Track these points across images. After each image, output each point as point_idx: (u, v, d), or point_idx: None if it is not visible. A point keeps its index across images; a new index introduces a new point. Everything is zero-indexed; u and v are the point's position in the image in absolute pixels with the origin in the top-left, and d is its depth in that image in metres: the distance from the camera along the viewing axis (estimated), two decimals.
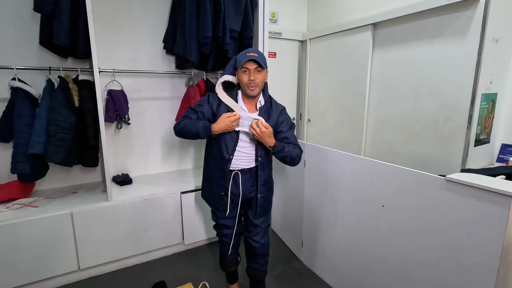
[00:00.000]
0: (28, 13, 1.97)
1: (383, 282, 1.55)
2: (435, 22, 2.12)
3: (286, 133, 1.51)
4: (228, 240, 1.67)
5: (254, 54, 1.43)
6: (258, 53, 1.45)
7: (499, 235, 1.06)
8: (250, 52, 1.44)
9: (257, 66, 1.43)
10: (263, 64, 1.43)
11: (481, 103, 1.97)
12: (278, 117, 1.52)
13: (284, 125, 1.52)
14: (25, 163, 1.81)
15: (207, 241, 2.45)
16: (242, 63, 1.42)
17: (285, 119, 1.53)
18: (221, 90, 1.50)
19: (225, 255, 1.72)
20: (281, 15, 3.26)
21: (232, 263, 1.77)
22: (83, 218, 1.91)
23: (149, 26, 2.39)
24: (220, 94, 1.49)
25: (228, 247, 1.69)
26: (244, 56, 1.42)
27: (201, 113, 1.48)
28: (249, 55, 1.42)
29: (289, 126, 1.53)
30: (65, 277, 1.94)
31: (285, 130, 1.52)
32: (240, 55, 1.47)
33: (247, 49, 1.48)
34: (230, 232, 1.65)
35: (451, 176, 1.21)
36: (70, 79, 2.02)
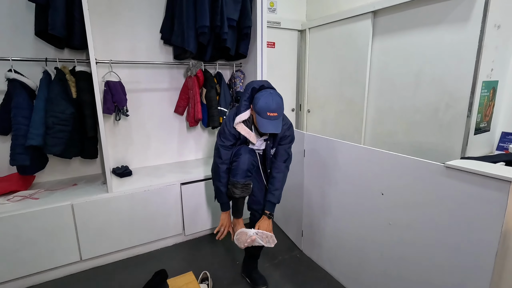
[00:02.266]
0: (22, 3, 1.94)
1: (382, 269, 1.57)
2: (436, 9, 2.09)
3: (283, 148, 1.70)
4: (245, 157, 1.58)
5: (274, 115, 1.47)
6: (278, 112, 1.48)
7: (498, 220, 1.07)
8: (271, 112, 1.46)
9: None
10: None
11: (482, 90, 1.96)
12: (284, 132, 1.66)
13: (285, 140, 1.70)
14: (24, 155, 1.81)
15: (207, 231, 2.47)
16: (261, 123, 1.48)
17: (287, 135, 1.68)
18: (241, 126, 1.58)
19: (238, 173, 1.57)
20: (280, 4, 3.22)
21: (244, 186, 1.60)
22: (83, 209, 1.91)
23: (146, 16, 2.35)
24: (240, 128, 1.58)
25: (244, 162, 1.57)
26: (265, 115, 1.46)
27: (230, 147, 1.63)
28: (268, 123, 1.47)
29: (288, 141, 1.70)
30: (67, 268, 1.96)
31: (283, 144, 1.70)
32: (261, 107, 1.46)
33: (267, 102, 1.46)
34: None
35: (450, 162, 1.21)
36: (67, 70, 2.00)
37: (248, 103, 1.58)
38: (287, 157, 1.71)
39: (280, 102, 1.50)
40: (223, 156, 1.62)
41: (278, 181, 1.69)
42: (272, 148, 1.69)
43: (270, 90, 1.53)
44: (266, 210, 1.70)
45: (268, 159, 1.70)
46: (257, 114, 1.48)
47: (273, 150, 1.70)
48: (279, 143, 1.69)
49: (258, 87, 1.56)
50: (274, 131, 1.48)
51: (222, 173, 1.64)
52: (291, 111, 3.65)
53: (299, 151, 2.07)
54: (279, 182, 1.69)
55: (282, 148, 1.69)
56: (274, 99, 1.47)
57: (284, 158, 1.70)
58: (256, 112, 1.49)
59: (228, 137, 1.61)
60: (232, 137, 1.61)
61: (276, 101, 1.47)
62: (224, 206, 1.72)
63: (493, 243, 1.09)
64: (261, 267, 1.99)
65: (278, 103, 1.48)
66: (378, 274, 1.60)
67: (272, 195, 1.69)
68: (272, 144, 1.68)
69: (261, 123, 1.48)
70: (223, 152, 1.62)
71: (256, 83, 1.59)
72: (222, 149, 1.62)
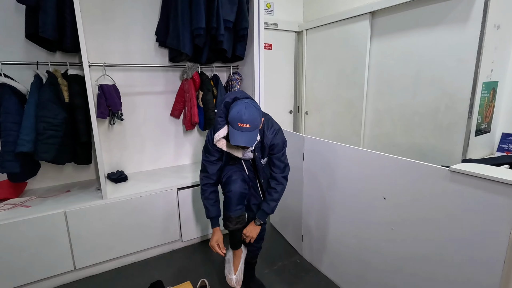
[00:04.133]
0: (11, 5, 1.88)
1: (384, 275, 1.53)
2: (435, 9, 2.07)
3: (275, 157, 1.58)
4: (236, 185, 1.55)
5: (246, 126, 1.32)
6: (251, 124, 1.32)
7: (506, 225, 1.03)
8: (242, 122, 1.31)
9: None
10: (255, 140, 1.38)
11: (482, 91, 1.94)
12: (271, 141, 1.54)
13: (275, 149, 1.56)
14: (14, 162, 1.75)
15: (205, 237, 2.42)
16: (232, 134, 1.35)
17: (276, 143, 1.55)
18: (221, 142, 1.49)
19: (230, 207, 1.55)
20: (277, 5, 3.19)
21: (237, 219, 1.56)
22: (77, 217, 1.86)
23: (140, 17, 2.30)
24: (220, 145, 1.49)
25: (235, 192, 1.54)
26: (236, 126, 1.33)
27: (216, 161, 1.57)
28: (239, 135, 1.33)
29: (279, 149, 1.57)
30: (61, 277, 1.90)
31: (275, 153, 1.57)
32: (232, 117, 1.34)
33: (239, 111, 1.32)
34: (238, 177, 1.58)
35: (455, 166, 1.17)
36: (59, 74, 1.94)
37: (224, 118, 1.46)
38: (283, 167, 1.59)
39: (255, 113, 1.35)
40: (209, 171, 1.57)
41: (276, 192, 1.59)
42: (262, 158, 1.58)
43: (245, 100, 1.39)
44: (258, 217, 1.60)
45: (260, 170, 1.60)
46: (229, 125, 1.37)
47: (264, 159, 1.59)
48: (270, 153, 1.57)
49: (232, 100, 1.44)
50: (244, 144, 1.34)
51: (204, 187, 1.59)
52: (288, 113, 3.62)
53: (298, 154, 2.03)
54: (277, 194, 1.59)
55: (275, 158, 1.57)
56: (247, 109, 1.33)
57: (280, 169, 1.58)
58: (229, 122, 1.38)
59: (212, 153, 1.55)
60: (216, 152, 1.55)
61: (249, 112, 1.33)
62: (213, 221, 1.61)
63: (501, 249, 1.05)
64: (260, 273, 1.95)
65: (252, 114, 1.33)
66: (380, 280, 1.56)
67: (267, 205, 1.59)
68: (261, 155, 1.57)
69: (232, 134, 1.35)
70: (209, 167, 1.56)
71: (228, 96, 1.46)
72: (207, 164, 1.57)
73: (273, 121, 1.61)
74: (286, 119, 3.61)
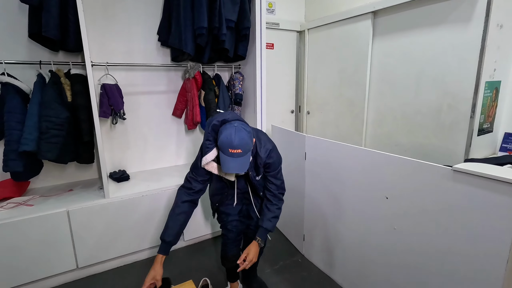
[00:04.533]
0: (15, 4, 1.89)
1: (387, 275, 1.53)
2: (438, 8, 2.07)
3: (271, 176, 1.51)
4: (232, 227, 1.60)
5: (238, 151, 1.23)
6: (243, 149, 1.23)
7: (508, 224, 1.03)
8: (233, 148, 1.22)
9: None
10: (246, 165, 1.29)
11: (485, 91, 1.93)
12: (265, 161, 1.45)
13: (271, 168, 1.49)
14: (17, 161, 1.76)
15: (206, 236, 2.42)
16: (223, 161, 1.26)
17: (271, 162, 1.47)
18: (210, 165, 1.40)
19: (227, 248, 1.63)
20: (278, 5, 3.18)
21: (233, 258, 1.68)
22: (80, 216, 1.86)
23: (142, 17, 2.31)
24: (210, 168, 1.40)
25: (231, 237, 1.61)
26: (227, 152, 1.24)
27: (203, 181, 1.47)
28: (231, 162, 1.24)
29: (274, 167, 1.49)
30: (64, 276, 1.91)
31: (270, 171, 1.50)
32: (222, 142, 1.24)
33: (229, 136, 1.23)
34: (234, 219, 1.61)
35: (458, 166, 1.17)
36: (61, 73, 1.95)
37: (212, 141, 1.38)
38: (280, 183, 1.53)
39: (246, 137, 1.25)
40: (194, 187, 1.45)
41: (277, 208, 1.52)
42: (257, 176, 1.50)
43: (235, 123, 1.29)
44: (258, 236, 1.49)
45: (257, 186, 1.53)
46: (220, 151, 1.28)
47: (259, 176, 1.51)
48: (266, 171, 1.50)
49: (220, 123, 1.34)
50: (237, 171, 1.26)
51: (179, 202, 1.45)
52: (290, 113, 3.62)
53: (300, 154, 2.03)
54: (279, 210, 1.53)
55: (271, 176, 1.50)
56: (237, 133, 1.23)
57: (277, 185, 1.52)
58: (219, 148, 1.29)
59: (202, 173, 1.45)
60: (206, 173, 1.46)
61: (239, 136, 1.23)
62: (163, 246, 1.42)
63: (504, 248, 1.05)
64: (262, 272, 1.95)
65: (242, 138, 1.24)
66: (382, 280, 1.56)
67: (268, 222, 1.49)
68: (255, 173, 1.49)
69: (223, 161, 1.26)
70: (195, 185, 1.45)
71: (216, 119, 1.36)
72: (193, 182, 1.45)
73: (266, 139, 1.51)
74: (287, 118, 3.61)
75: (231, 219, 1.63)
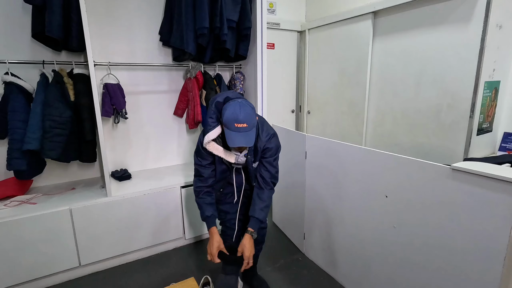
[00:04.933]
0: (18, 4, 1.91)
1: (387, 273, 1.54)
2: (437, 9, 2.08)
3: (267, 161, 1.53)
4: (231, 225, 1.63)
5: (244, 126, 1.27)
6: (248, 123, 1.28)
7: (506, 222, 1.05)
8: (239, 122, 1.26)
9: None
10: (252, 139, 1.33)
11: (484, 91, 1.95)
12: (265, 145, 1.49)
13: (268, 153, 1.52)
14: (21, 160, 1.78)
15: (208, 235, 2.43)
16: (229, 136, 1.30)
17: (270, 147, 1.50)
18: (211, 145, 1.43)
19: (225, 243, 1.57)
20: (279, 5, 3.20)
21: (229, 248, 1.61)
22: (82, 214, 1.88)
23: (144, 17, 2.33)
24: (211, 148, 1.43)
25: (229, 234, 1.64)
26: (232, 127, 1.28)
27: (208, 165, 1.52)
28: (237, 136, 1.28)
29: (272, 153, 1.53)
30: (66, 273, 1.93)
31: (267, 157, 1.52)
32: (227, 118, 1.29)
33: (234, 111, 1.28)
34: (232, 217, 1.65)
35: (456, 164, 1.19)
36: (64, 73, 1.97)
37: (215, 119, 1.41)
38: (274, 172, 1.56)
39: (250, 111, 1.31)
40: (204, 174, 1.52)
41: (268, 197, 1.55)
42: (254, 162, 1.53)
43: (238, 100, 1.35)
44: (250, 227, 1.51)
45: (252, 174, 1.56)
46: (225, 127, 1.32)
47: (255, 164, 1.54)
48: (262, 156, 1.52)
49: (223, 100, 1.40)
50: (244, 144, 1.29)
51: (199, 189, 1.55)
52: (291, 112, 3.63)
53: (301, 153, 2.05)
54: (269, 199, 1.55)
55: (266, 162, 1.53)
56: (242, 108, 1.29)
57: (271, 173, 1.55)
58: (224, 124, 1.32)
59: (205, 156, 1.50)
60: (209, 155, 1.49)
61: (244, 111, 1.29)
62: (208, 221, 1.54)
63: (502, 246, 1.06)
64: (262, 270, 1.97)
65: (247, 112, 1.29)
66: (382, 277, 1.58)
67: (260, 212, 1.51)
68: (254, 158, 1.51)
69: (229, 136, 1.30)
70: (203, 171, 1.52)
71: (219, 96, 1.42)
72: (201, 169, 1.52)
73: (268, 125, 1.56)
74: (288, 118, 3.63)
75: (229, 217, 1.65)
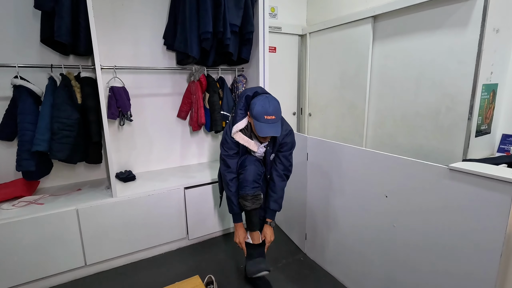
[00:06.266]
0: (28, 10, 1.97)
1: (387, 272, 1.57)
2: (436, 13, 2.12)
3: (282, 155, 1.69)
4: (251, 167, 1.64)
5: (272, 118, 1.44)
6: (276, 115, 1.46)
7: (502, 222, 1.08)
8: (268, 115, 1.43)
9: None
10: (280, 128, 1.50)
11: (482, 93, 1.98)
12: (283, 139, 1.64)
13: (285, 147, 1.67)
14: (30, 161, 1.82)
15: (211, 235, 2.47)
16: (260, 127, 1.45)
17: (287, 142, 1.66)
18: (238, 135, 1.57)
19: (246, 184, 1.59)
20: (281, 9, 3.26)
21: (254, 198, 1.62)
22: (88, 214, 1.92)
23: (149, 22, 2.38)
24: (238, 137, 1.57)
25: (250, 173, 1.61)
26: (263, 119, 1.44)
27: (234, 155, 1.65)
28: (267, 127, 1.44)
29: (287, 148, 1.68)
30: (72, 273, 1.96)
31: (283, 151, 1.68)
32: (258, 111, 1.45)
33: (264, 105, 1.45)
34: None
35: (453, 165, 1.22)
36: (72, 77, 2.02)
37: (244, 111, 1.57)
38: (288, 165, 1.70)
39: (277, 105, 1.50)
40: (230, 165, 1.64)
41: (281, 189, 1.69)
42: (272, 153, 1.68)
43: (265, 95, 1.52)
44: (268, 218, 1.70)
45: (268, 165, 1.70)
46: (255, 120, 1.47)
47: (272, 155, 1.69)
48: (279, 149, 1.67)
49: (252, 94, 1.55)
50: (273, 134, 1.46)
51: (229, 182, 1.66)
52: (292, 114, 3.67)
53: (302, 154, 2.08)
54: (282, 191, 1.70)
55: (282, 156, 1.68)
56: (271, 102, 1.47)
57: (285, 166, 1.69)
58: (254, 117, 1.48)
59: (231, 145, 1.62)
60: (235, 145, 1.62)
61: (273, 104, 1.47)
62: (235, 217, 1.72)
63: (498, 245, 1.10)
64: None
65: (275, 106, 1.48)
66: (382, 276, 1.60)
67: (275, 204, 1.69)
68: (272, 150, 1.66)
69: (260, 127, 1.46)
70: (230, 161, 1.64)
71: (249, 91, 1.57)
72: (227, 159, 1.64)
73: (286, 122, 1.70)
74: (290, 120, 3.66)
75: (250, 159, 1.68)
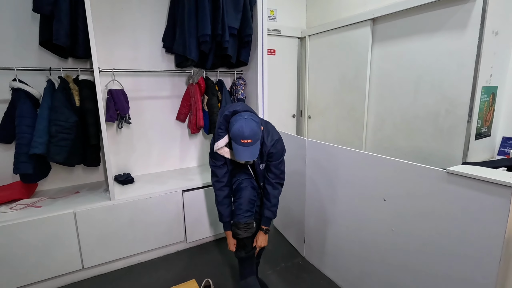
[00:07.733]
0: (27, 14, 1.97)
1: (385, 276, 1.56)
2: (434, 16, 2.12)
3: (272, 165, 1.64)
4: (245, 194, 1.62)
5: (249, 141, 1.39)
6: (253, 138, 1.39)
7: (501, 226, 1.07)
8: (244, 139, 1.37)
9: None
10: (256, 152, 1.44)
11: (481, 96, 1.97)
12: (270, 149, 1.60)
13: (273, 157, 1.62)
14: (27, 163, 1.82)
15: (209, 238, 2.46)
16: (236, 150, 1.42)
17: (274, 152, 1.60)
18: (222, 149, 1.55)
19: (239, 213, 1.59)
20: (280, 12, 3.26)
21: (246, 226, 1.59)
22: (86, 217, 1.92)
23: (148, 25, 2.39)
24: (222, 152, 1.56)
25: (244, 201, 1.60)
26: (239, 142, 1.39)
27: (222, 165, 1.63)
28: (242, 151, 1.40)
29: (276, 157, 1.62)
30: (70, 276, 1.95)
31: (273, 160, 1.63)
32: (234, 134, 1.39)
33: (240, 128, 1.38)
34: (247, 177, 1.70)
35: (452, 168, 1.21)
36: (70, 79, 2.02)
37: (224, 130, 1.52)
38: (279, 173, 1.65)
39: (255, 127, 1.40)
40: (218, 174, 1.64)
41: (274, 197, 1.67)
42: (261, 164, 1.65)
43: (244, 115, 1.43)
44: (263, 225, 1.69)
45: (259, 174, 1.68)
46: (232, 141, 1.43)
47: (262, 165, 1.66)
48: (268, 160, 1.63)
49: (231, 113, 1.49)
50: (249, 158, 1.42)
51: (217, 191, 1.66)
52: (291, 117, 3.67)
53: (301, 157, 2.07)
54: (275, 199, 1.68)
55: (272, 165, 1.64)
56: (247, 125, 1.38)
57: (276, 174, 1.65)
58: (231, 138, 1.44)
59: (217, 157, 1.61)
60: (221, 157, 1.61)
61: (250, 127, 1.38)
62: (225, 225, 1.71)
63: (496, 249, 1.08)
64: (263, 274, 1.98)
65: (252, 129, 1.38)
66: (381, 280, 1.59)
67: (269, 212, 1.67)
68: (260, 161, 1.64)
69: (236, 150, 1.42)
70: (218, 171, 1.64)
71: (227, 109, 1.51)
72: (215, 169, 1.65)
73: (273, 130, 1.64)
74: (289, 123, 3.66)
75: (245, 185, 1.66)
